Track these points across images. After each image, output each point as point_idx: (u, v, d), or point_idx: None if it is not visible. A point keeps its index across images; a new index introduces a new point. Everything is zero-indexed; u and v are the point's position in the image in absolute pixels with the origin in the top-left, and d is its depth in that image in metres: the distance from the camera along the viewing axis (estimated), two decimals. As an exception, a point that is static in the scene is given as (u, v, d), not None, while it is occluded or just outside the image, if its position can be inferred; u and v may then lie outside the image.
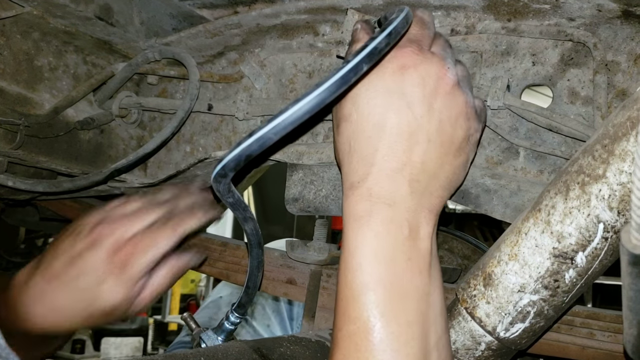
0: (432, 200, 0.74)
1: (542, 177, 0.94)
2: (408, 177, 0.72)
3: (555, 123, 0.89)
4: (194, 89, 1.10)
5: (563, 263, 0.72)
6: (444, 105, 0.73)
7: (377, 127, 0.72)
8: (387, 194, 0.71)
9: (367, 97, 0.74)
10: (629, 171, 0.66)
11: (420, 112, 0.72)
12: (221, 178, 0.68)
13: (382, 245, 0.71)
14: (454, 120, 0.74)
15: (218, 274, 1.39)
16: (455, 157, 0.75)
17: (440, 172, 0.74)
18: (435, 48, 0.77)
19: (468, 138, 0.77)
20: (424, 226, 0.73)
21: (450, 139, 0.74)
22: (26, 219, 1.89)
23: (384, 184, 0.72)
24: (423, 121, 0.72)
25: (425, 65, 0.73)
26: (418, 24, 0.78)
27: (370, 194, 0.72)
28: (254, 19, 1.08)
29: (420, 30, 0.77)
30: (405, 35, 0.75)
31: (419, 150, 0.72)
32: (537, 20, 0.93)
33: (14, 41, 1.07)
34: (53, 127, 1.13)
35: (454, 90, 0.74)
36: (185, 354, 0.78)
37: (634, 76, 0.88)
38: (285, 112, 0.65)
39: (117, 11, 1.08)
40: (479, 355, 0.80)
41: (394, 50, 0.74)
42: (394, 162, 0.72)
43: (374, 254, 0.70)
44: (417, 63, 0.73)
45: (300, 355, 0.90)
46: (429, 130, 0.72)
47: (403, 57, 0.73)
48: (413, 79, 0.72)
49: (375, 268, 0.70)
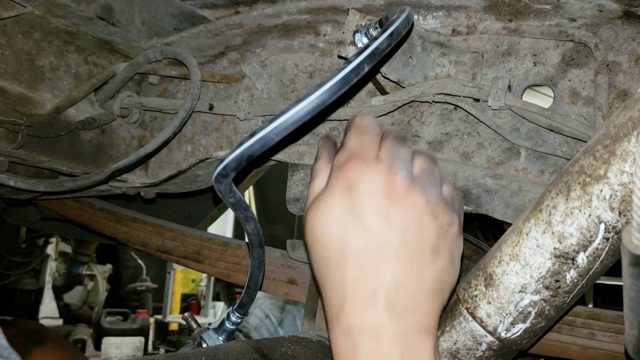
0: (420, 318, 0.66)
1: (543, 177, 0.94)
2: (384, 301, 0.65)
3: (556, 123, 0.89)
4: (195, 89, 1.10)
5: (564, 263, 0.72)
6: (401, 212, 0.66)
7: (340, 254, 0.67)
8: (366, 326, 0.65)
9: (323, 225, 0.68)
10: (630, 172, 0.65)
11: (378, 227, 0.66)
12: (222, 178, 0.68)
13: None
14: (417, 224, 0.67)
15: (219, 274, 1.39)
16: (434, 261, 0.68)
17: (421, 284, 0.67)
18: (382, 152, 0.69)
19: (443, 235, 0.69)
20: (418, 349, 0.65)
21: (420, 244, 0.67)
22: (27, 218, 1.89)
23: (360, 315, 0.65)
24: (383, 236, 0.66)
25: (371, 177, 0.67)
26: (356, 132, 0.71)
27: (350, 329, 0.65)
28: (255, 19, 1.08)
29: (359, 140, 0.70)
30: (345, 149, 0.69)
31: (387, 269, 0.65)
32: (538, 21, 0.93)
33: (15, 41, 1.08)
34: (54, 127, 1.13)
35: (409, 193, 0.67)
36: (186, 354, 0.78)
37: (635, 76, 0.88)
38: (287, 112, 0.65)
39: (118, 11, 1.08)
40: (479, 356, 0.80)
41: (336, 170, 0.68)
42: (365, 288, 0.65)
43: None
44: (361, 177, 0.67)
45: (301, 355, 0.90)
46: (392, 244, 0.66)
47: (347, 175, 0.67)
48: (361, 195, 0.66)
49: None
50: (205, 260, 1.39)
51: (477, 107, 0.95)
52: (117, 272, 6.06)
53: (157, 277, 7.88)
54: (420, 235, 0.67)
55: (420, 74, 0.98)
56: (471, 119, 0.99)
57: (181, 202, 1.88)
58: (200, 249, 1.40)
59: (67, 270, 5.30)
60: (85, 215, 1.57)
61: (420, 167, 0.71)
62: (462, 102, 0.95)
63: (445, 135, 1.01)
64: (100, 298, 5.81)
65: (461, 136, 1.00)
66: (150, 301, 8.09)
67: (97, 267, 5.74)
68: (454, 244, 0.71)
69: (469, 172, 0.97)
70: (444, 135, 1.01)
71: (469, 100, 0.95)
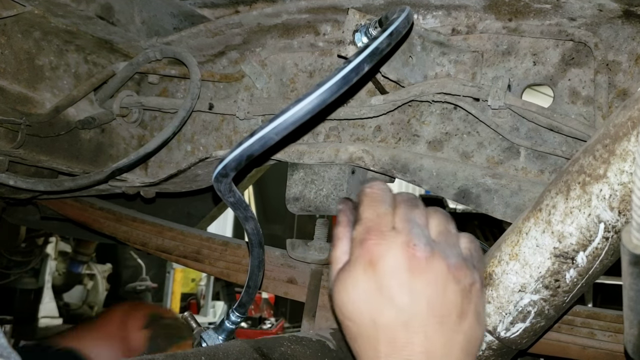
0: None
1: (543, 176, 0.94)
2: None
3: (556, 123, 0.89)
4: (195, 88, 1.10)
5: (564, 263, 0.72)
6: (426, 284, 0.68)
7: (371, 330, 0.69)
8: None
9: (352, 303, 0.70)
10: (630, 171, 0.65)
11: (405, 301, 0.68)
12: (222, 178, 0.68)
13: None
14: (442, 291, 0.69)
15: (219, 274, 1.39)
16: (461, 323, 0.70)
17: (451, 346, 0.69)
18: (397, 221, 0.71)
19: (467, 296, 0.71)
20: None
21: (448, 310, 0.69)
22: (27, 218, 1.89)
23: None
24: (411, 309, 0.68)
25: (391, 252, 0.68)
26: (370, 204, 0.72)
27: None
28: (255, 19, 1.08)
29: (375, 212, 0.71)
30: (362, 223, 0.70)
31: (418, 340, 0.67)
32: (538, 20, 0.92)
33: (15, 40, 1.07)
34: (54, 126, 1.13)
35: (431, 263, 0.68)
36: (186, 353, 0.78)
37: (635, 76, 0.88)
38: (287, 112, 0.65)
39: (118, 10, 1.08)
40: (479, 355, 0.80)
41: (357, 246, 0.70)
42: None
43: None
44: (382, 254, 0.68)
45: (301, 354, 0.90)
46: (420, 316, 0.68)
47: (368, 251, 0.69)
48: (385, 273, 0.68)
49: None
50: (205, 259, 1.39)
51: (477, 106, 0.95)
52: (116, 272, 6.05)
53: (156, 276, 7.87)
54: (446, 302, 0.69)
55: (420, 74, 0.98)
56: (471, 118, 0.99)
57: (181, 202, 1.88)
58: (200, 249, 1.40)
59: (66, 270, 5.29)
60: (85, 214, 1.57)
61: (437, 229, 0.73)
62: (461, 102, 0.95)
63: (445, 134, 1.01)
64: (100, 297, 5.81)
65: (461, 135, 1.00)
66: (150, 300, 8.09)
67: (96, 266, 5.73)
68: (479, 301, 0.73)
69: (468, 172, 0.97)
70: (443, 135, 1.01)
71: (468, 99, 0.95)
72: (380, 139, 1.06)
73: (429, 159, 1.00)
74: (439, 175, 0.98)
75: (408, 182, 1.03)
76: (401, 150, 1.04)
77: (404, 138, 1.04)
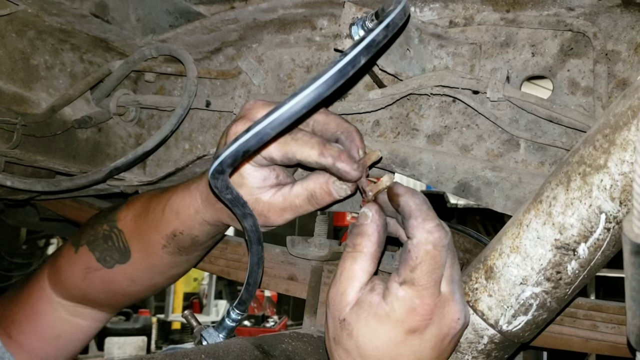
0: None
1: (543, 168, 0.94)
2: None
3: (555, 114, 0.88)
4: (191, 85, 1.09)
5: (565, 254, 0.72)
6: (452, 346, 0.75)
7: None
8: None
9: (375, 348, 0.73)
10: (631, 161, 0.65)
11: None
12: (219, 174, 0.68)
13: None
14: (457, 342, 0.78)
15: (219, 272, 1.39)
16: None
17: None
18: (445, 283, 0.73)
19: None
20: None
21: (449, 355, 0.77)
22: (27, 219, 1.88)
23: None
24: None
25: (436, 326, 0.72)
26: (430, 269, 0.71)
27: None
28: (251, 14, 1.08)
29: (432, 279, 0.71)
30: (414, 287, 0.71)
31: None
32: (536, 11, 0.92)
33: (9, 40, 1.07)
34: (50, 126, 1.13)
35: (460, 330, 0.75)
36: (186, 351, 0.77)
37: (635, 65, 0.87)
38: (283, 106, 0.64)
39: (112, 8, 1.07)
40: (481, 349, 0.80)
41: (404, 310, 0.71)
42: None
43: None
44: (428, 325, 0.72)
45: (302, 350, 0.90)
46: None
47: (414, 322, 0.71)
48: (423, 339, 0.72)
49: None
50: (205, 258, 1.38)
51: (476, 99, 0.94)
52: (118, 272, 6.05)
53: (158, 276, 7.86)
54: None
55: (418, 67, 0.98)
56: (470, 111, 0.98)
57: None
58: (200, 247, 1.40)
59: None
60: (83, 215, 1.57)
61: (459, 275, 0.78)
62: (460, 94, 0.94)
63: (444, 128, 1.01)
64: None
65: (460, 129, 1.00)
66: (152, 300, 8.10)
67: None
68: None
69: (468, 165, 0.96)
70: (442, 128, 1.01)
71: (467, 92, 0.94)
72: (379, 134, 1.06)
73: (428, 153, 0.99)
74: (438, 169, 0.98)
75: (408, 177, 1.02)
76: (400, 144, 1.03)
77: (402, 132, 1.04)
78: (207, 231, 1.00)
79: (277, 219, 0.90)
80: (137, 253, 1.07)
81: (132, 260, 1.07)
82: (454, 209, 5.40)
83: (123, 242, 1.07)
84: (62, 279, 1.14)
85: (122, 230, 1.08)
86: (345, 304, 0.74)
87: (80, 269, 1.11)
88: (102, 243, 1.09)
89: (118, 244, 1.07)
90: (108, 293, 1.13)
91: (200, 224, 0.98)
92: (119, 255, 1.07)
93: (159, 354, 0.75)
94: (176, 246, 1.02)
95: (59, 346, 1.19)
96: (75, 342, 1.21)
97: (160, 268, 1.08)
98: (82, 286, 1.12)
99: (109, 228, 1.09)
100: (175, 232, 1.01)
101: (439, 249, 0.70)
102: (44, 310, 1.16)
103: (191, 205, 0.97)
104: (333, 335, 0.76)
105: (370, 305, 0.72)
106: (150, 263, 1.07)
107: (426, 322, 0.71)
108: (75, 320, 1.18)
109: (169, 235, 1.01)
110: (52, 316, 1.16)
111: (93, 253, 1.09)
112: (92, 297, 1.15)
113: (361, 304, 0.73)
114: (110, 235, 1.08)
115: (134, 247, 1.07)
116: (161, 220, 1.02)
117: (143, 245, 1.06)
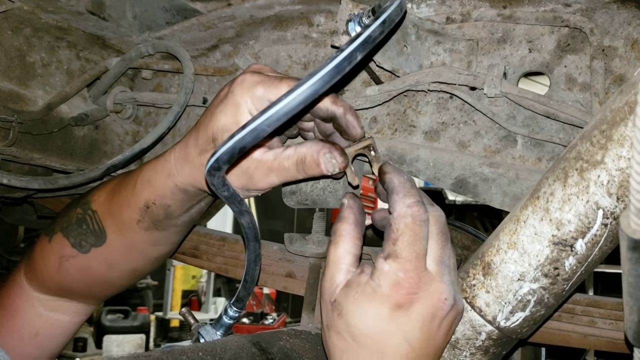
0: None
1: (540, 164, 0.94)
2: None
3: (552, 110, 0.88)
4: (188, 82, 1.09)
5: (563, 250, 0.72)
6: (443, 332, 0.75)
7: (375, 355, 0.73)
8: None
9: (365, 327, 0.73)
10: (628, 156, 0.65)
11: (421, 345, 0.73)
12: (215, 171, 0.67)
13: None
14: (449, 333, 0.77)
15: (217, 269, 1.39)
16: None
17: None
18: (431, 262, 0.74)
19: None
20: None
21: (442, 344, 0.77)
22: (24, 217, 1.88)
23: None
24: (421, 351, 0.73)
25: (422, 303, 0.72)
26: (410, 241, 0.72)
27: None
28: (248, 11, 1.07)
29: (414, 252, 0.72)
30: (398, 261, 0.72)
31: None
32: (532, 7, 0.92)
33: (5, 37, 1.06)
34: (47, 123, 1.12)
35: (449, 312, 0.74)
36: (183, 349, 0.77)
37: (632, 61, 0.87)
38: (279, 102, 0.64)
39: (109, 5, 1.07)
40: (479, 345, 0.80)
41: (389, 285, 0.72)
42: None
43: None
44: (413, 301, 0.72)
45: (299, 348, 0.90)
46: (428, 357, 0.74)
47: (400, 297, 0.72)
48: (411, 317, 0.72)
49: None
50: (203, 255, 1.38)
51: (473, 95, 0.94)
52: (116, 270, 6.05)
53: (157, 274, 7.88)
54: (447, 340, 0.77)
55: (415, 63, 0.97)
56: (467, 107, 0.98)
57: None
58: (198, 244, 1.40)
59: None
60: (81, 212, 1.56)
61: (452, 262, 0.78)
62: (457, 91, 0.94)
63: (442, 124, 1.01)
64: (100, 296, 5.81)
65: (457, 125, 0.99)
66: (150, 298, 8.10)
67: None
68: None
69: (465, 161, 0.96)
70: (440, 125, 1.01)
71: (464, 88, 0.94)
72: (376, 131, 1.05)
73: (425, 150, 0.99)
74: (435, 166, 0.98)
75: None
76: (397, 141, 1.03)
77: (400, 129, 1.04)
78: (180, 200, 0.97)
79: (261, 179, 0.87)
80: (112, 233, 1.04)
81: (108, 242, 1.05)
82: (452, 205, 5.41)
83: (98, 223, 1.04)
84: (37, 271, 1.11)
85: (96, 211, 1.05)
86: (335, 286, 0.76)
87: (55, 259, 1.08)
88: (76, 227, 1.06)
89: (93, 226, 1.05)
90: (86, 282, 1.10)
91: (172, 191, 0.95)
92: (94, 238, 1.05)
93: (157, 352, 0.75)
94: (150, 220, 1.00)
95: (38, 344, 1.16)
96: (55, 339, 1.18)
97: (138, 246, 1.05)
98: (58, 277, 1.09)
99: (82, 211, 1.06)
100: (147, 203, 0.98)
101: (418, 222, 0.72)
102: (22, 307, 1.13)
103: (164, 169, 0.95)
104: (326, 322, 0.77)
105: (358, 285, 0.74)
106: (127, 242, 1.04)
107: (410, 296, 0.71)
108: (54, 315, 1.15)
109: (142, 207, 0.99)
110: (29, 313, 1.13)
111: (67, 239, 1.06)
112: (70, 288, 1.12)
113: (350, 284, 0.75)
114: (85, 218, 1.05)
115: (109, 226, 1.04)
116: (133, 193, 0.99)
117: (117, 224, 1.03)
